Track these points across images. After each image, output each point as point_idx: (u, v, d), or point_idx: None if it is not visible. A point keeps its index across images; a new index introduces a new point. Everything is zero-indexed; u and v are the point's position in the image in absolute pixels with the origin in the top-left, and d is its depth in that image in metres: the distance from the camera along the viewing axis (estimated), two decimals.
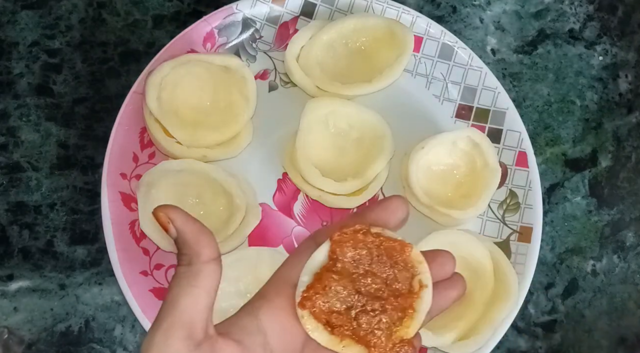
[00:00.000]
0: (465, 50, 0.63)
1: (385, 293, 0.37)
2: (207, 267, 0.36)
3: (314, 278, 0.37)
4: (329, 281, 0.36)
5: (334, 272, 0.37)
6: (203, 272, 0.36)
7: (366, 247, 0.37)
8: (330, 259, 0.37)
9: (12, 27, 0.65)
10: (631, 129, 0.68)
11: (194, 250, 0.36)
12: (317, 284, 0.36)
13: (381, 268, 0.37)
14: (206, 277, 0.36)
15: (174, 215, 0.37)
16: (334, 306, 0.36)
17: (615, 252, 0.65)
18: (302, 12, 0.63)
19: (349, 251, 0.37)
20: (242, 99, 0.59)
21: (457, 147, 0.60)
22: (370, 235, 0.37)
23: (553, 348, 0.62)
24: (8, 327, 0.59)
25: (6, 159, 0.62)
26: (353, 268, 0.37)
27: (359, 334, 0.36)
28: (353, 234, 0.37)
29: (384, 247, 0.37)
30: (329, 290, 0.36)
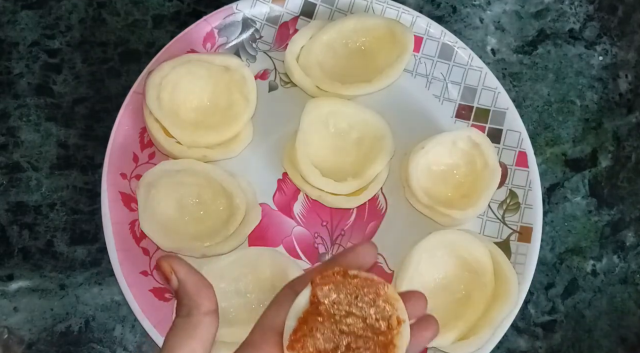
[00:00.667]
0: (465, 50, 0.63)
1: (368, 332, 0.39)
2: (206, 319, 0.37)
3: (299, 322, 0.38)
4: (315, 323, 0.38)
5: (317, 314, 0.38)
6: (201, 324, 0.37)
7: (345, 288, 0.39)
8: (312, 303, 0.39)
9: (12, 27, 0.65)
10: (631, 129, 0.68)
11: (194, 301, 0.37)
12: (303, 327, 0.38)
13: (361, 308, 0.39)
14: (203, 329, 0.37)
15: (177, 267, 0.38)
16: (321, 346, 0.38)
17: (615, 252, 0.65)
18: (302, 12, 0.63)
19: (331, 293, 0.39)
20: (242, 99, 0.59)
21: (457, 147, 0.60)
22: (349, 277, 0.39)
23: (553, 348, 0.62)
24: (8, 327, 0.59)
25: (6, 159, 0.62)
26: (335, 310, 0.39)
27: None
28: (333, 277, 0.39)
29: (362, 287, 0.39)
30: (315, 331, 0.38)
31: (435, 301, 0.57)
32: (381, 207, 0.61)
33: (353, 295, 0.39)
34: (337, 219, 0.61)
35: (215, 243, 0.56)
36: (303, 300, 0.39)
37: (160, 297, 0.57)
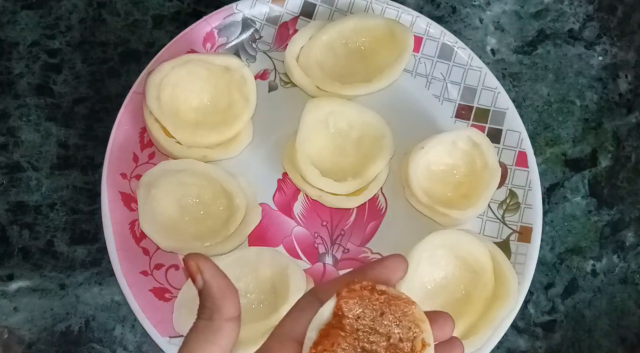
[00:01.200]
0: (465, 50, 0.63)
1: (390, 352, 0.38)
2: (227, 324, 0.36)
3: (320, 334, 0.37)
4: (337, 338, 0.37)
5: (340, 328, 0.37)
6: (223, 330, 0.36)
7: (371, 304, 0.38)
8: (335, 315, 0.38)
9: (12, 27, 0.65)
10: (631, 129, 0.68)
11: (217, 305, 0.36)
12: (324, 340, 0.37)
13: (386, 326, 0.38)
14: (225, 335, 0.36)
15: (205, 267, 0.37)
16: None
17: (615, 252, 0.65)
18: (302, 12, 0.64)
19: (356, 308, 0.38)
20: (242, 99, 0.59)
21: (457, 147, 0.60)
22: (376, 293, 0.38)
23: (553, 348, 0.62)
24: (8, 327, 0.59)
25: (6, 159, 0.62)
26: (359, 325, 0.38)
27: None
28: (360, 291, 0.38)
29: (389, 304, 0.38)
30: (336, 346, 0.37)
31: (435, 301, 0.58)
32: (381, 207, 0.61)
33: (379, 312, 0.38)
34: (337, 219, 0.61)
35: (215, 243, 0.56)
36: (326, 312, 0.37)
37: (160, 297, 0.57)
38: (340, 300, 0.37)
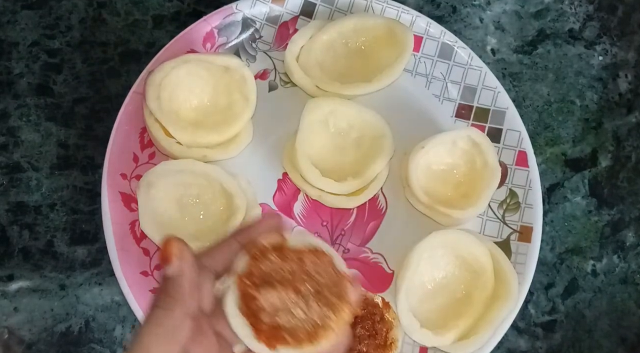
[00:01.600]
0: (465, 49, 0.63)
1: (318, 297, 0.39)
2: (187, 320, 0.35)
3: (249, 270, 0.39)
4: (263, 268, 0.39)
5: (263, 275, 0.39)
6: (183, 325, 0.35)
7: (288, 256, 0.40)
8: (249, 267, 0.39)
9: (12, 27, 0.65)
10: (631, 128, 0.68)
11: (184, 299, 0.35)
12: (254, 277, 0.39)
13: (308, 273, 0.40)
14: (184, 331, 0.35)
15: (186, 255, 0.36)
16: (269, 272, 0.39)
17: (615, 252, 0.65)
18: (302, 12, 0.63)
19: (269, 263, 0.39)
20: (242, 99, 0.59)
21: (457, 147, 0.60)
22: (290, 251, 0.40)
23: (553, 348, 0.62)
24: (8, 327, 0.59)
25: (6, 159, 0.62)
26: (278, 274, 0.39)
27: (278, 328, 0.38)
28: (269, 249, 0.40)
29: (306, 256, 0.40)
30: (267, 288, 0.38)
31: (435, 301, 0.58)
32: (381, 206, 0.61)
33: (297, 263, 0.40)
34: (337, 219, 0.61)
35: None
36: (241, 263, 0.39)
37: None
38: (253, 258, 0.39)
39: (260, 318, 0.38)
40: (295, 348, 0.38)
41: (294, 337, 0.38)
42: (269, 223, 0.42)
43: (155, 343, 0.34)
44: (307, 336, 0.38)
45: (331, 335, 0.39)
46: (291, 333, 0.38)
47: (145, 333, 0.34)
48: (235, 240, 0.40)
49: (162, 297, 0.35)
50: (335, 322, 0.39)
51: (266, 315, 0.38)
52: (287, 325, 0.38)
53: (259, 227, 0.41)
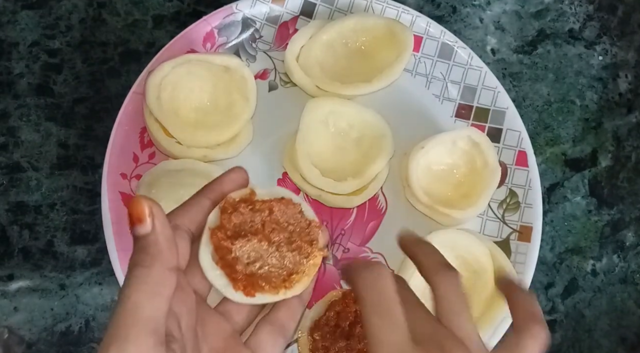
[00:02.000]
0: (465, 49, 0.63)
1: (290, 243, 0.41)
2: (170, 274, 0.35)
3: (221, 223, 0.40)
4: (236, 218, 0.40)
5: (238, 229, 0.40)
6: (166, 281, 0.34)
7: (257, 206, 0.41)
8: (223, 220, 0.40)
9: (12, 27, 0.65)
10: (631, 128, 0.68)
11: (163, 254, 0.34)
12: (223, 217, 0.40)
13: (278, 221, 0.41)
14: (167, 287, 0.34)
15: (158, 213, 0.35)
16: (242, 222, 0.40)
17: (615, 251, 0.65)
18: (301, 12, 0.64)
19: (241, 216, 0.41)
20: (242, 99, 0.59)
21: (457, 147, 0.60)
22: (258, 202, 0.41)
23: (553, 348, 0.62)
24: (8, 327, 0.59)
25: (6, 159, 0.62)
26: (251, 225, 0.41)
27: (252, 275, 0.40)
28: (240, 202, 0.41)
29: (275, 205, 0.42)
30: (242, 239, 0.40)
31: None
32: (381, 206, 0.61)
33: (266, 212, 0.41)
34: (337, 219, 0.61)
35: None
36: (213, 216, 0.40)
37: None
38: (224, 210, 0.40)
39: (235, 269, 0.39)
40: (272, 294, 0.40)
41: (270, 283, 0.39)
42: (234, 177, 0.42)
43: (144, 299, 0.33)
44: (282, 282, 0.40)
45: (305, 279, 0.41)
46: (267, 280, 0.40)
47: (132, 292, 0.33)
48: (205, 197, 0.41)
49: (139, 256, 0.35)
50: (307, 266, 0.41)
51: (241, 265, 0.39)
52: (263, 273, 0.40)
53: (225, 181, 0.42)
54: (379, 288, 0.37)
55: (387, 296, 0.37)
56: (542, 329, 0.38)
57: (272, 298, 0.40)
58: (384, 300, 0.36)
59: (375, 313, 0.36)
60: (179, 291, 0.36)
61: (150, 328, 0.33)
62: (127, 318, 0.33)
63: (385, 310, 0.36)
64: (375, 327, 0.36)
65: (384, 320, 0.36)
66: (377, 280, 0.37)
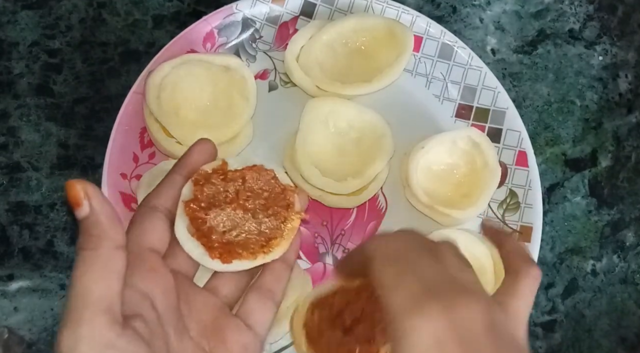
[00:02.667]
0: (465, 49, 0.63)
1: (266, 209, 0.41)
2: (118, 252, 0.34)
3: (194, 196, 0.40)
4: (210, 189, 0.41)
5: (212, 198, 0.41)
6: (114, 258, 0.34)
7: (231, 175, 0.42)
8: (196, 193, 0.40)
9: (12, 27, 0.65)
10: (631, 128, 0.68)
11: (105, 233, 0.34)
12: (199, 201, 0.40)
13: (253, 189, 0.42)
14: (117, 264, 0.34)
15: (93, 193, 0.34)
16: (217, 195, 0.41)
17: (615, 252, 0.65)
18: (302, 12, 0.64)
19: (216, 182, 0.41)
20: (242, 99, 0.59)
21: (457, 147, 0.60)
22: (230, 172, 0.42)
23: (553, 348, 0.62)
24: (8, 327, 0.59)
25: (6, 159, 0.62)
26: (226, 194, 0.41)
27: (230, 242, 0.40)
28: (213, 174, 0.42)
29: (248, 172, 0.42)
30: (216, 208, 0.40)
31: None
32: (381, 206, 0.61)
33: (239, 181, 0.42)
34: (337, 219, 0.61)
35: None
36: (186, 190, 0.41)
37: None
38: (196, 182, 0.41)
39: (211, 238, 0.39)
40: (249, 260, 0.40)
41: (247, 249, 0.40)
42: (200, 148, 0.43)
43: (93, 280, 0.33)
44: (260, 247, 0.40)
45: (283, 243, 0.41)
46: (244, 247, 0.40)
47: (79, 275, 0.33)
48: (176, 174, 0.41)
49: (83, 238, 0.34)
50: (285, 230, 0.41)
51: (216, 234, 0.39)
52: (240, 240, 0.40)
53: (193, 154, 0.42)
54: (393, 245, 0.37)
55: (399, 251, 0.37)
56: (535, 268, 0.39)
57: (250, 264, 0.40)
58: (397, 253, 0.36)
59: (388, 264, 0.36)
60: (151, 272, 0.37)
61: (102, 307, 0.32)
62: (78, 301, 0.32)
63: (396, 260, 0.36)
64: (389, 276, 0.35)
65: (397, 268, 0.35)
66: (390, 240, 0.38)
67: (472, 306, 0.33)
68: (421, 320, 0.32)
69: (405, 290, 0.34)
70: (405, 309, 0.33)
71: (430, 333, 0.32)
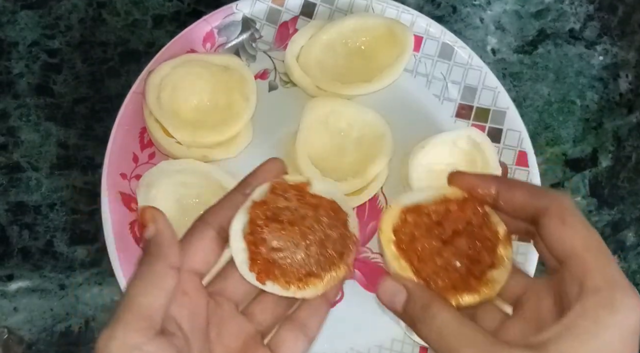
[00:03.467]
0: (465, 49, 0.63)
1: (323, 245, 0.40)
2: (171, 271, 0.37)
3: (251, 218, 0.39)
4: (272, 223, 0.39)
5: (273, 217, 0.40)
6: (166, 276, 0.36)
7: (303, 199, 0.40)
8: (265, 203, 0.40)
9: (12, 27, 0.65)
10: (631, 128, 0.68)
11: (164, 253, 0.37)
12: (258, 225, 0.39)
13: (318, 221, 0.40)
14: (168, 281, 0.36)
15: (159, 218, 0.38)
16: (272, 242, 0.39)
17: (615, 252, 0.65)
18: (302, 12, 0.63)
19: (283, 201, 0.40)
20: (242, 99, 0.59)
21: (458, 147, 0.60)
22: (308, 195, 0.40)
23: None
24: (8, 327, 0.59)
25: (6, 159, 0.62)
26: (290, 216, 0.40)
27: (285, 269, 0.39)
28: (289, 188, 0.40)
29: (321, 205, 0.41)
30: (274, 231, 0.39)
31: None
32: (381, 206, 0.61)
33: (311, 209, 0.40)
34: None
35: None
36: (258, 197, 0.40)
37: None
38: (270, 194, 0.40)
39: (259, 249, 0.39)
40: (281, 288, 0.39)
41: (284, 276, 0.39)
42: (268, 168, 0.43)
43: (141, 293, 0.35)
44: (297, 280, 0.39)
45: (319, 286, 0.40)
46: (283, 272, 0.39)
47: (131, 286, 0.36)
48: (239, 193, 0.41)
49: (144, 255, 0.37)
50: (326, 276, 0.40)
51: (266, 248, 0.39)
52: (283, 264, 0.39)
53: (259, 174, 0.42)
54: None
55: None
56: (563, 193, 0.38)
57: (281, 292, 0.39)
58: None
59: (587, 226, 0.35)
60: (182, 295, 0.38)
61: (142, 314, 0.35)
62: (124, 306, 0.35)
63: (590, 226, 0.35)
64: (592, 237, 0.34)
65: (594, 233, 0.35)
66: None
67: None
68: (637, 299, 0.31)
69: (615, 266, 0.33)
70: (622, 284, 0.32)
71: (637, 318, 0.31)
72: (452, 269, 0.38)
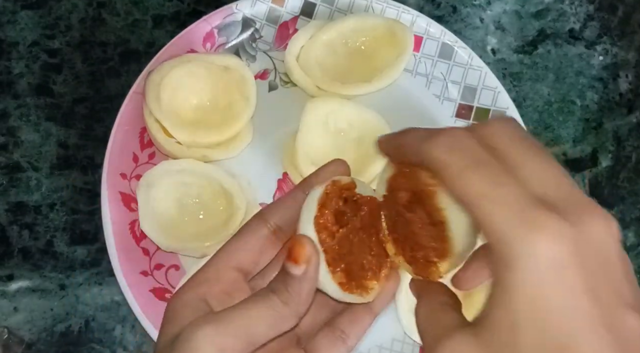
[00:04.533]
0: (465, 49, 0.63)
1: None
2: (293, 319, 0.34)
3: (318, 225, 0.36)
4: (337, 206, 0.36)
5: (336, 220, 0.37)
6: (286, 321, 0.34)
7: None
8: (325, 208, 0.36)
9: (12, 27, 0.65)
10: (631, 128, 0.68)
11: (299, 302, 0.34)
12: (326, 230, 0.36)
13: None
14: (283, 324, 0.34)
15: (314, 263, 0.34)
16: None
17: None
18: (302, 12, 0.63)
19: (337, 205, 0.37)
20: (242, 99, 0.59)
21: None
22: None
23: None
24: (8, 327, 0.59)
25: (6, 159, 0.62)
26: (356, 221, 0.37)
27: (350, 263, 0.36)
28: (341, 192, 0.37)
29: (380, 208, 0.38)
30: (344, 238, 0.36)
31: None
32: None
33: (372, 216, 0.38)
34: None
35: (215, 243, 0.56)
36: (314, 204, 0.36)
37: (161, 298, 0.57)
38: (326, 195, 0.36)
39: (326, 234, 0.35)
40: (347, 286, 0.36)
41: (349, 275, 0.36)
42: (332, 169, 0.40)
43: (270, 330, 0.33)
44: (357, 287, 0.37)
45: (377, 288, 0.38)
46: (348, 270, 0.36)
47: (255, 310, 0.33)
48: (301, 191, 0.39)
49: (281, 287, 0.34)
50: (381, 276, 0.38)
51: (332, 237, 0.36)
52: (348, 258, 0.36)
53: (324, 175, 0.39)
54: (465, 145, 0.29)
55: (480, 152, 0.29)
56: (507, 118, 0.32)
57: (356, 299, 0.37)
58: (478, 154, 0.28)
59: (471, 169, 0.28)
60: (222, 294, 0.36)
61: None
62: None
63: (484, 164, 0.28)
64: (479, 184, 0.27)
65: (486, 172, 0.28)
66: (458, 141, 0.29)
67: (601, 225, 0.27)
68: (537, 238, 0.26)
69: (510, 203, 0.27)
70: (514, 226, 0.26)
71: (548, 256, 0.26)
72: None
